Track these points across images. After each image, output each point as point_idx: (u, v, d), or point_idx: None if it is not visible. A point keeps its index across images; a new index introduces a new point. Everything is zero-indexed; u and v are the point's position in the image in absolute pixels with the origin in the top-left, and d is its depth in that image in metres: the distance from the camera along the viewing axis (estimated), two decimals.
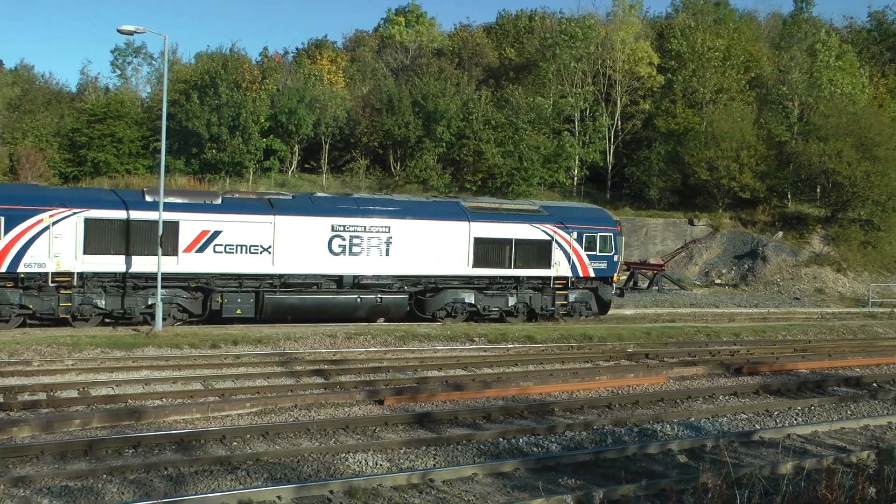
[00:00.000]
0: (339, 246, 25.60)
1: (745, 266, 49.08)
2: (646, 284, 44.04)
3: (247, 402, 15.36)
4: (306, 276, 25.34)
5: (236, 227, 24.42)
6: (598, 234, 29.12)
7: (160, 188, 23.51)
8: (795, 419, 16.08)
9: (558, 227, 28.58)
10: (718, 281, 48.50)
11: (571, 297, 28.97)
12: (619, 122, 60.96)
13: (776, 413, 16.50)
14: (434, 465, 11.98)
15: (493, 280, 27.80)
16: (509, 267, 27.81)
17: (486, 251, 27.50)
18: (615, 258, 29.50)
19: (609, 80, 60.72)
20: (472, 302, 27.49)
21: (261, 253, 24.65)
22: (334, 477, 11.19)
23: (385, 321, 26.71)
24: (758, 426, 15.24)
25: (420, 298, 27.06)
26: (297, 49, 76.94)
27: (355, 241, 25.81)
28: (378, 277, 26.19)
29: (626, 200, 56.98)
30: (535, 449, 13.05)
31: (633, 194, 57.14)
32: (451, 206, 28.49)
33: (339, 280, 25.76)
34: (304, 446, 12.81)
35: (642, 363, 22.12)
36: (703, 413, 16.20)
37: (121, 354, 20.02)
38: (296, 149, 56.99)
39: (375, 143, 56.29)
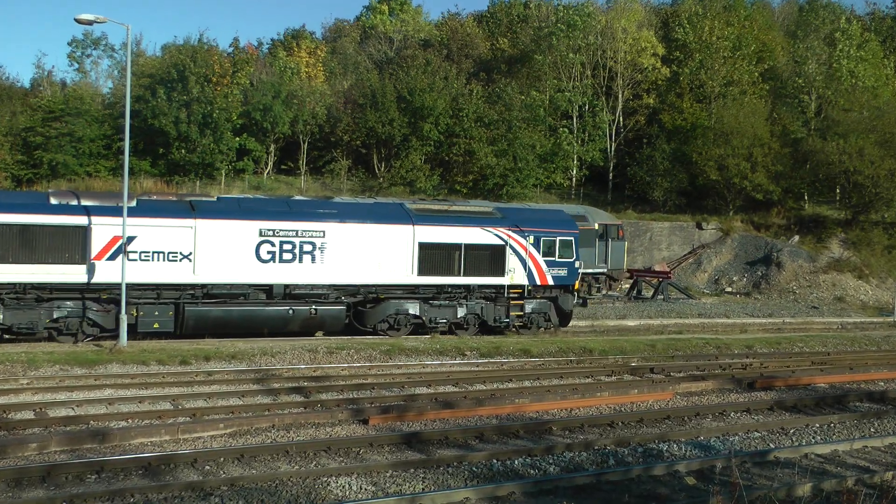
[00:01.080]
0: (269, 252, 25.29)
1: (759, 273, 49.33)
2: (650, 293, 44.23)
3: (220, 423, 15.36)
4: (232, 285, 24.94)
5: (152, 232, 24.02)
6: (558, 237, 28.91)
7: (124, 191, 23.48)
8: (813, 437, 16.21)
9: (513, 231, 28.30)
10: (729, 289, 48.74)
11: (528, 308, 28.75)
12: (621, 118, 61.25)
13: (792, 431, 16.62)
14: (423, 489, 12.03)
15: (440, 289, 27.50)
16: (458, 275, 27.50)
17: (433, 257, 27.19)
18: (576, 265, 29.43)
19: (610, 73, 60.98)
20: (417, 313, 27.24)
21: (180, 260, 24.28)
22: (315, 503, 11.23)
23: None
24: (772, 445, 15.36)
25: (360, 310, 26.79)
26: (272, 40, 77.17)
27: (286, 246, 25.48)
28: (312, 287, 25.84)
29: (628, 202, 57.22)
30: (532, 471, 13.13)
31: (637, 196, 57.37)
32: (394, 207, 28.49)
33: (268, 290, 25.42)
34: (283, 470, 12.84)
35: (647, 378, 22.20)
36: (712, 431, 16.29)
37: (82, 372, 19.98)
38: (272, 148, 56.95)
39: (358, 141, 56.30)
